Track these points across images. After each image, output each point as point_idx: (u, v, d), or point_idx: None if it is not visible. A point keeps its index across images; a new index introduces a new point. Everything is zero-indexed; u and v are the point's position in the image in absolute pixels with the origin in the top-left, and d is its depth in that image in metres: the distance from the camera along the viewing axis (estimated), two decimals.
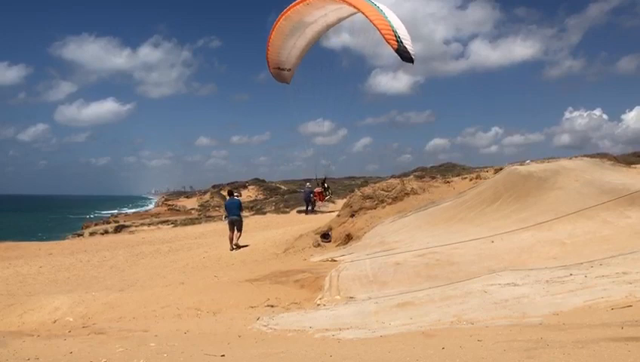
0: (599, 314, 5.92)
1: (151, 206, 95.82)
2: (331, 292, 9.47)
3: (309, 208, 28.15)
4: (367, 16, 12.41)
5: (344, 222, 16.50)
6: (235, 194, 26.48)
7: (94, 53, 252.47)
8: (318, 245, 15.33)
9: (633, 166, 19.12)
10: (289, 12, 14.62)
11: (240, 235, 16.75)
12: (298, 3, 14.30)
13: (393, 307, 7.96)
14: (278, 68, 15.68)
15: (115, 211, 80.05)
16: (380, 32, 12.02)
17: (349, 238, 15.29)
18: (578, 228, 11.20)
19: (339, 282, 9.98)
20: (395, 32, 11.85)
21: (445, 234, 12.76)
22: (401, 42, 11.77)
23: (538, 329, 5.55)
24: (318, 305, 8.85)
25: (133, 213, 66.22)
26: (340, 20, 15.11)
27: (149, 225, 37.22)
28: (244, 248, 16.38)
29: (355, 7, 12.92)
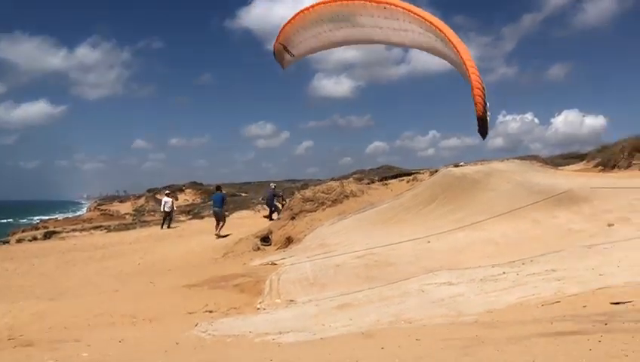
0: (530, 310, 6.13)
1: (83, 211, 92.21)
2: (271, 295, 9.38)
3: (274, 213, 23.45)
4: (465, 66, 9.10)
5: (284, 225, 16.45)
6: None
7: (27, 52, 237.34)
8: (258, 249, 15.20)
9: (560, 168, 20.14)
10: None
11: (222, 226, 18.17)
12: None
13: (333, 309, 7.96)
14: (285, 46, 12.02)
15: (57, 215, 76.19)
16: (472, 86, 9.02)
17: (289, 241, 15.25)
18: (510, 228, 11.58)
19: (279, 285, 9.91)
20: (485, 94, 9.01)
21: (384, 236, 12.92)
22: (486, 109, 9.03)
23: (473, 327, 5.68)
24: (258, 309, 8.73)
25: (64, 218, 63.38)
26: (406, 45, 11.07)
27: (81, 230, 35.69)
28: (183, 252, 16.14)
29: (455, 47, 9.19)
